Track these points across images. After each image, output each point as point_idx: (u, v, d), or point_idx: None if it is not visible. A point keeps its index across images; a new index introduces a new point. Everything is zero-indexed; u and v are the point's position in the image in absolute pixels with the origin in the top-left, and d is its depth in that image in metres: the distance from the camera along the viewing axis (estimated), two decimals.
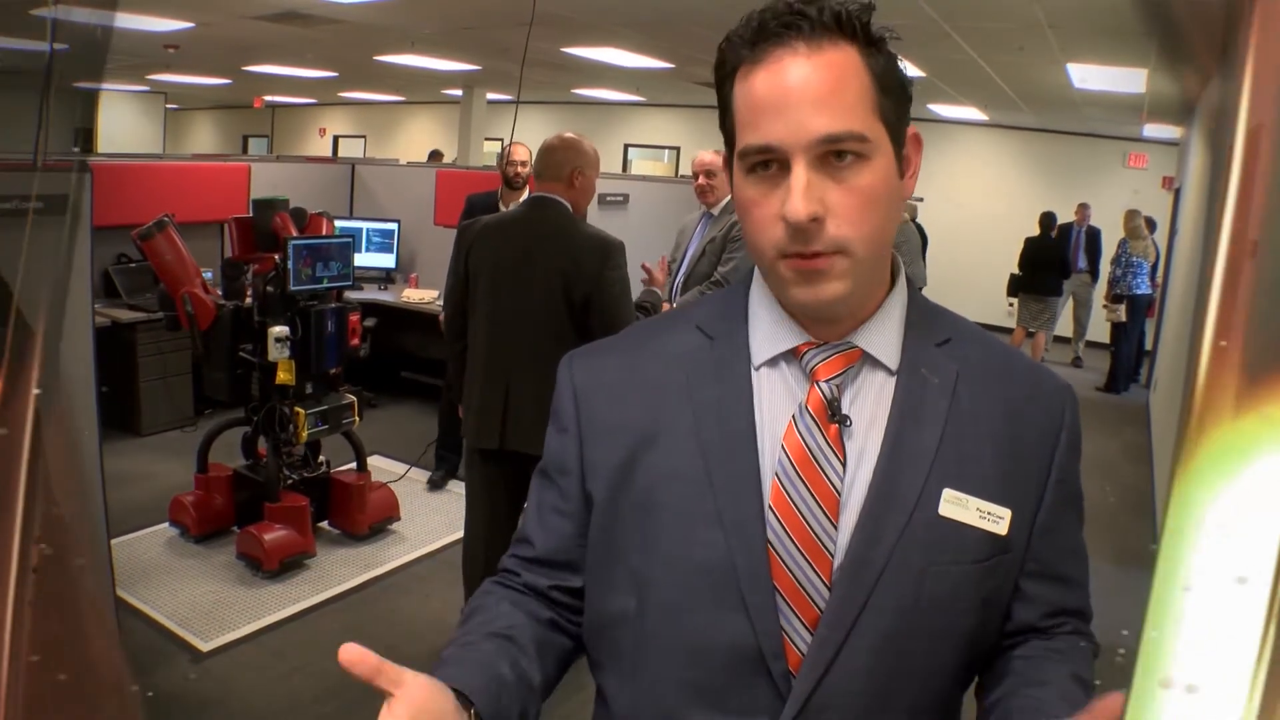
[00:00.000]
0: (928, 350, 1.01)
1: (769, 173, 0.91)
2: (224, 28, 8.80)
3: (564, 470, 1.08)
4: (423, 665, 0.88)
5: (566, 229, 3.22)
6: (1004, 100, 10.38)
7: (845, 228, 0.89)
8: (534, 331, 3.19)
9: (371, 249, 7.30)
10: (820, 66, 0.89)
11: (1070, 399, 1.04)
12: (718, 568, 0.96)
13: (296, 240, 4.16)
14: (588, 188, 3.32)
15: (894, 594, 0.94)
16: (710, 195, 4.55)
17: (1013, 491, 0.98)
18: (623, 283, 3.22)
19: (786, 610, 0.95)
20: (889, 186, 0.93)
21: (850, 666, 0.94)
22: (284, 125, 20.58)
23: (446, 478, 5.57)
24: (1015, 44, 6.88)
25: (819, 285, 0.92)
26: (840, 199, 0.89)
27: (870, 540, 0.94)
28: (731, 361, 1.02)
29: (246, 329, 4.28)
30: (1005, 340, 1.10)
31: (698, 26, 7.36)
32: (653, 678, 1.01)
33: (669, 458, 1.00)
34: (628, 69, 10.50)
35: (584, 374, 1.10)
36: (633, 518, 1.01)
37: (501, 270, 3.24)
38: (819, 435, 0.96)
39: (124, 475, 5.24)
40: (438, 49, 10.00)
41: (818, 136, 0.88)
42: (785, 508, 0.95)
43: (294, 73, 13.00)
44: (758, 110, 0.91)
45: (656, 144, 16.67)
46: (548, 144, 3.32)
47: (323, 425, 4.38)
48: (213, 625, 3.82)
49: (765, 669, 0.95)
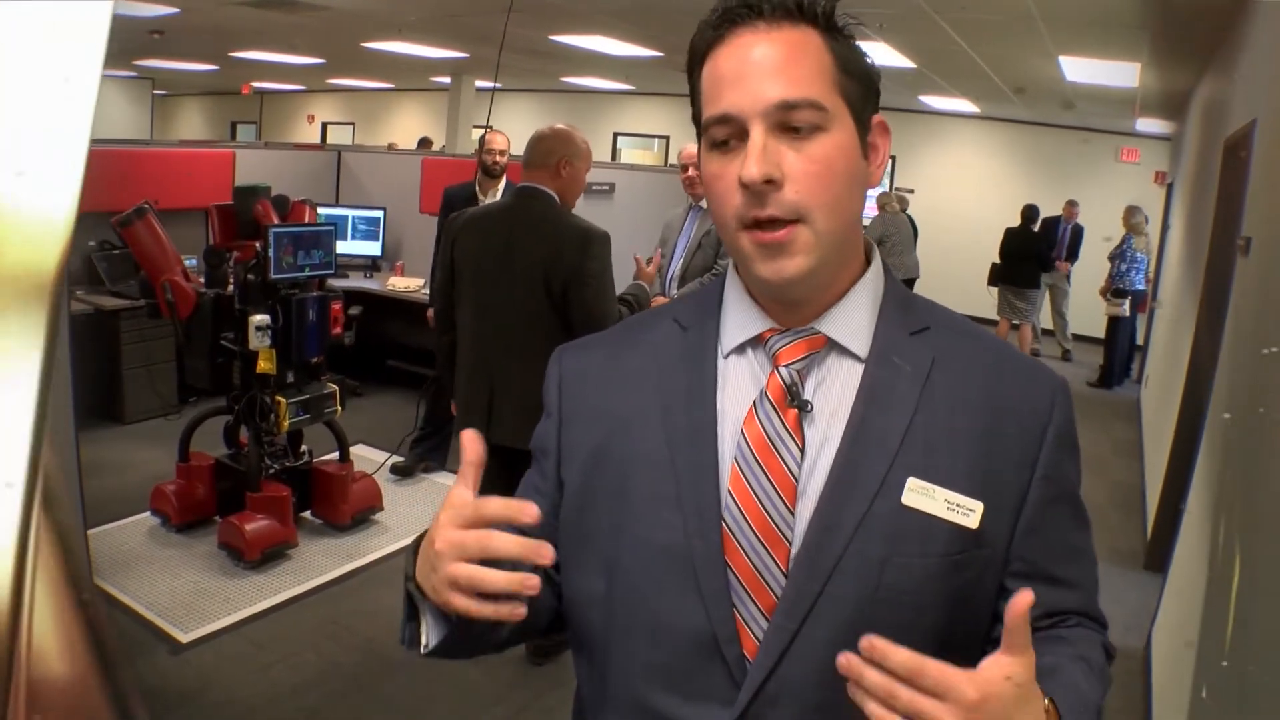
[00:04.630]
0: (901, 338, 1.00)
1: (728, 144, 0.93)
2: (208, 13, 8.75)
3: (545, 452, 1.11)
4: (405, 659, 0.87)
5: (549, 219, 3.19)
6: (997, 92, 10.37)
7: (803, 194, 0.91)
8: (517, 324, 3.16)
9: (357, 236, 7.25)
10: (779, 41, 0.92)
11: (1061, 395, 1.01)
12: (677, 551, 0.97)
13: (278, 228, 4.11)
14: (576, 178, 3.29)
15: (853, 584, 0.93)
16: (698, 187, 4.52)
17: (989, 485, 0.95)
18: (601, 274, 3.17)
19: (744, 596, 0.95)
20: (849, 161, 0.94)
21: (806, 656, 0.93)
22: (272, 112, 20.48)
23: (416, 464, 5.52)
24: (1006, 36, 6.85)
25: (781, 259, 0.93)
26: (797, 165, 0.91)
27: (828, 528, 0.93)
28: (701, 350, 1.04)
29: (228, 317, 4.23)
30: (992, 331, 1.07)
31: (686, 15, 7.25)
32: (619, 659, 1.02)
33: (639, 443, 1.02)
34: (617, 57, 10.46)
35: (570, 364, 1.14)
36: (605, 501, 1.03)
37: (485, 262, 3.21)
38: (777, 421, 0.97)
39: (106, 463, 5.20)
40: (425, 36, 9.95)
41: (773, 102, 0.90)
42: (743, 493, 0.96)
43: (281, 59, 12.94)
44: (718, 83, 0.94)
45: (646, 133, 16.64)
46: (538, 133, 3.29)
47: (304, 414, 4.34)
48: (193, 616, 3.79)
49: (720, 654, 0.95)
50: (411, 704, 3.35)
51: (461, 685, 3.47)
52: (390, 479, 5.32)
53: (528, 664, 3.61)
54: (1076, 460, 1.03)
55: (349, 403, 4.77)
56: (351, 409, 4.91)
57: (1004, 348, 1.06)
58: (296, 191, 4.67)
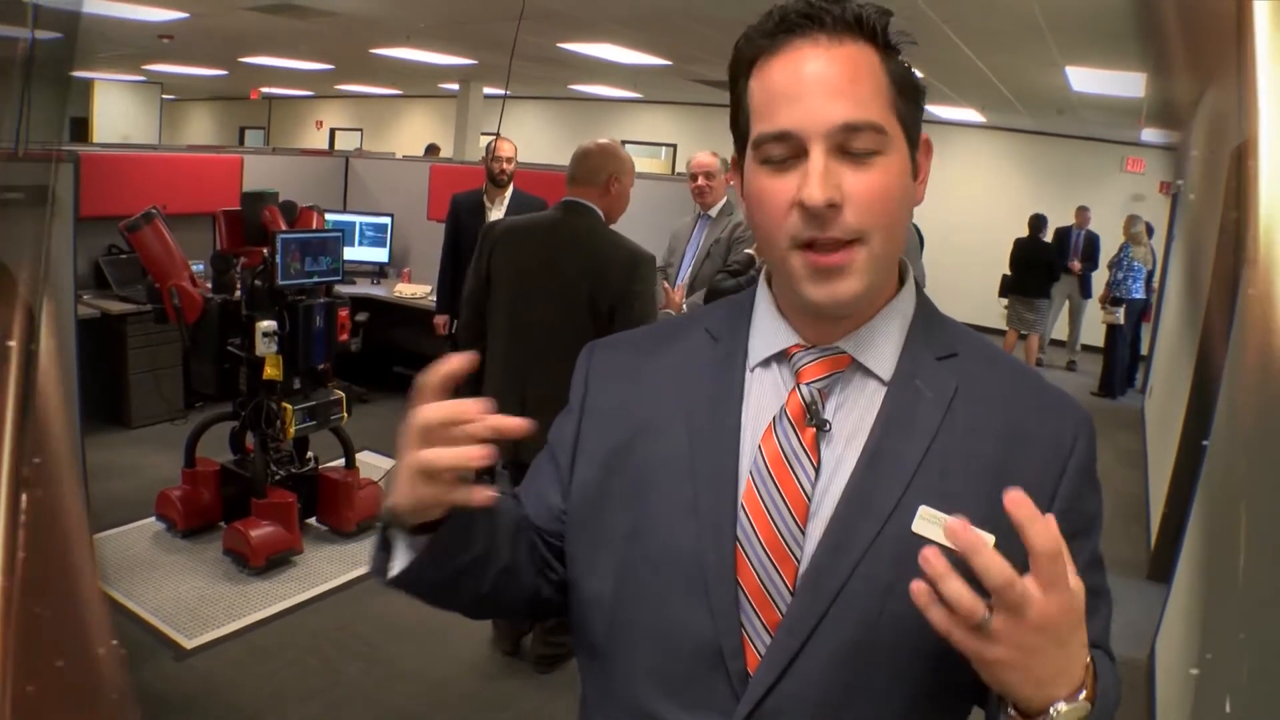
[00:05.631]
0: (927, 363, 0.99)
1: (784, 162, 0.91)
2: (218, 18, 8.77)
3: (562, 444, 1.11)
4: (408, 666, 0.87)
5: (595, 237, 3.16)
6: (1001, 102, 10.37)
7: (863, 217, 0.89)
8: (553, 340, 3.09)
9: (365, 243, 7.26)
10: (840, 58, 0.90)
11: (1085, 428, 1.00)
12: (689, 558, 0.97)
13: (285, 234, 4.13)
14: (623, 195, 3.27)
15: (857, 606, 0.92)
16: (708, 196, 4.53)
17: (1003, 517, 0.94)
18: (648, 297, 3.16)
19: (749, 610, 0.95)
20: (904, 185, 0.93)
21: (806, 674, 0.93)
22: (281, 117, 20.55)
23: None
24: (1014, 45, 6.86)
25: (836, 282, 0.91)
26: (857, 188, 0.89)
27: (836, 548, 0.93)
28: (729, 361, 1.03)
29: (235, 323, 4.25)
30: (999, 345, 1.06)
31: (695, 24, 7.33)
32: (621, 662, 1.02)
33: (661, 447, 1.02)
34: (625, 65, 10.48)
35: (600, 360, 1.14)
36: (621, 503, 1.03)
37: (524, 275, 3.17)
38: (794, 438, 0.96)
39: (112, 468, 5.21)
40: (434, 43, 9.97)
41: (837, 123, 0.88)
42: (756, 507, 0.96)
43: (290, 65, 12.96)
44: (775, 98, 0.91)
45: (654, 141, 16.65)
46: (584, 149, 3.25)
47: (310, 421, 4.35)
48: (197, 622, 3.79)
49: (723, 665, 0.95)
50: (416, 711, 3.35)
51: (466, 693, 3.47)
52: None
53: (533, 672, 3.61)
54: (1098, 497, 1.01)
55: (355, 409, 4.78)
56: (358, 415, 4.91)
57: (1031, 377, 1.04)
58: (305, 198, 4.68)
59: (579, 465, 1.08)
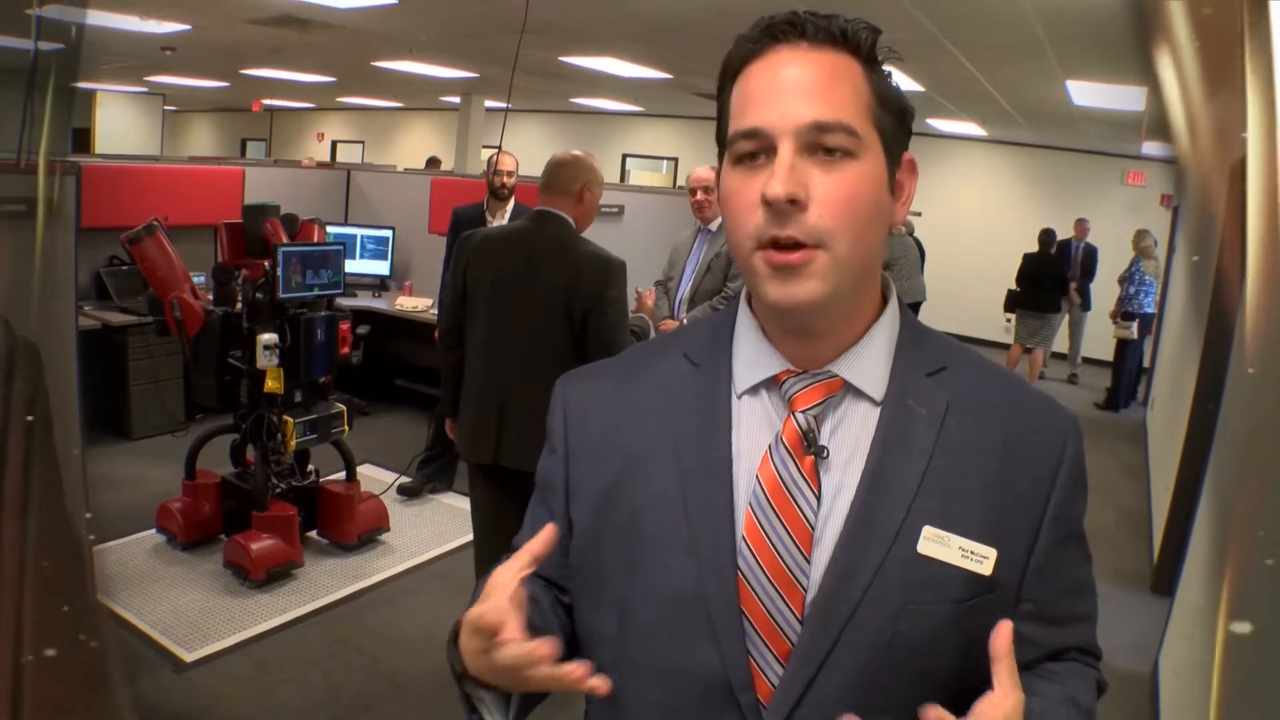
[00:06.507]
0: (918, 380, 0.98)
1: (755, 163, 0.91)
2: (220, 31, 8.79)
3: (552, 489, 1.09)
4: (410, 680, 0.87)
5: (569, 245, 3.18)
6: (1002, 115, 10.39)
7: (827, 219, 0.88)
8: (532, 347, 3.14)
9: (366, 255, 7.27)
10: (818, 63, 0.91)
11: (1074, 432, 1.00)
12: (690, 596, 0.95)
13: (287, 247, 4.13)
14: (593, 206, 3.29)
15: (868, 631, 0.92)
16: (708, 210, 4.55)
17: (1002, 530, 0.94)
18: (621, 304, 3.18)
19: (758, 642, 0.94)
20: (876, 194, 0.92)
21: (821, 702, 0.92)
22: (283, 129, 20.59)
23: (424, 485, 5.53)
24: (1015, 60, 6.88)
25: (794, 283, 0.90)
26: (824, 190, 0.88)
27: (844, 575, 0.92)
28: (714, 389, 1.01)
29: (236, 335, 4.25)
30: (1001, 359, 1.06)
31: (696, 38, 7.35)
32: (630, 699, 1.00)
33: (651, 483, 1.00)
34: (626, 79, 10.50)
35: (575, 395, 1.11)
36: (616, 541, 1.01)
37: (501, 284, 3.20)
38: (793, 467, 0.95)
39: (113, 480, 5.20)
40: (435, 56, 10.00)
41: (806, 122, 0.88)
42: (758, 539, 0.94)
43: (292, 77, 13.00)
44: (751, 99, 0.92)
45: (655, 155, 16.68)
46: (558, 158, 3.28)
47: (311, 434, 4.34)
48: (197, 635, 3.77)
49: (735, 699, 0.94)
50: None
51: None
52: (397, 499, 5.31)
53: None
54: (1084, 496, 1.01)
55: (356, 422, 4.78)
56: (359, 429, 4.91)
57: (1018, 385, 1.05)
58: (306, 210, 4.68)
59: (574, 508, 1.06)
